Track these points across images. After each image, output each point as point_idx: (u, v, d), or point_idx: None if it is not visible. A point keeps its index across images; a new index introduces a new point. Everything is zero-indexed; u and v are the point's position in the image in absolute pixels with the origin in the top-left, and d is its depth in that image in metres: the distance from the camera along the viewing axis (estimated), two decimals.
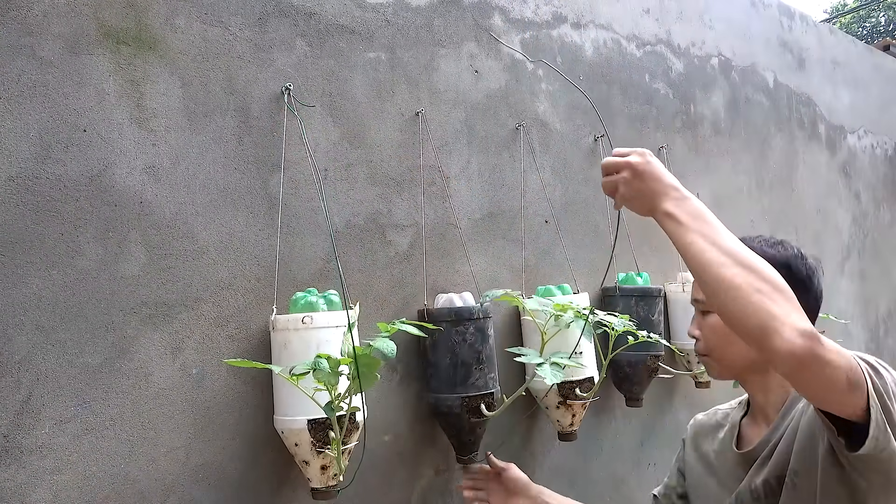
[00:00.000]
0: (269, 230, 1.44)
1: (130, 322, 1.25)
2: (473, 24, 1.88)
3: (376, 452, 1.58)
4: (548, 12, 2.10)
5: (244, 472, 1.37)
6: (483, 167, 1.86)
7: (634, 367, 1.99)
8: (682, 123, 2.56)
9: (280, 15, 1.49)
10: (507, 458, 1.85)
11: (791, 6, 3.29)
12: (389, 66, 1.68)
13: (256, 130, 1.44)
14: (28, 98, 1.16)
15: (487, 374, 1.58)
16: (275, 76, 1.47)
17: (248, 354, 1.38)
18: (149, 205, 1.28)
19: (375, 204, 1.62)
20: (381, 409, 1.59)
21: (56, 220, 1.18)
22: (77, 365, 1.19)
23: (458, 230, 1.78)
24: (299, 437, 1.31)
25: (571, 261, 2.06)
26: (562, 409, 1.78)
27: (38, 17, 1.18)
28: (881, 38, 15.39)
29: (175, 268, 1.31)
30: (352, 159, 1.59)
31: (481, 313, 1.59)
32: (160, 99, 1.31)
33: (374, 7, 1.66)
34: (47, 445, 1.15)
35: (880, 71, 4.00)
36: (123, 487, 1.22)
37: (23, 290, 1.14)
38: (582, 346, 1.78)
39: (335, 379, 1.18)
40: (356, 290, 1.56)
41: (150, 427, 1.26)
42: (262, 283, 1.42)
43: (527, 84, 2.01)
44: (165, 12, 1.32)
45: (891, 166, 4.01)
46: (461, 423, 1.57)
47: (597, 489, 2.11)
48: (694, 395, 2.48)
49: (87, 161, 1.22)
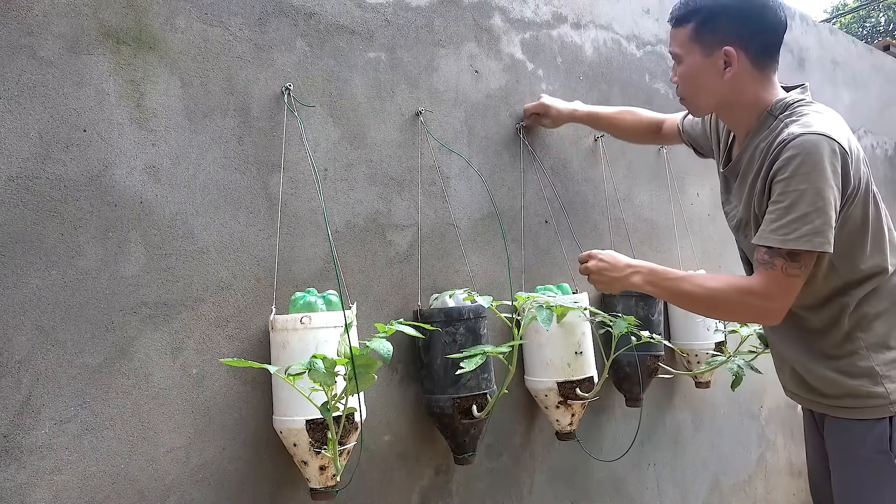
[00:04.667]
0: (269, 230, 1.44)
1: (130, 322, 1.25)
2: (473, 24, 1.88)
3: (376, 452, 1.58)
4: (548, 12, 2.10)
5: (244, 472, 1.37)
6: (483, 167, 1.86)
7: (634, 367, 1.99)
8: None
9: (280, 15, 1.49)
10: (507, 457, 1.86)
11: (791, 6, 3.29)
12: (389, 66, 1.68)
13: (256, 130, 1.44)
14: (28, 98, 1.16)
15: (480, 375, 1.57)
16: (275, 76, 1.47)
17: (247, 355, 1.38)
18: (149, 205, 1.28)
19: (375, 204, 1.62)
20: (380, 410, 1.59)
21: (56, 220, 1.18)
22: (77, 365, 1.19)
23: (458, 230, 1.78)
24: (298, 437, 1.31)
25: (571, 261, 2.06)
26: (561, 409, 1.78)
27: (38, 17, 1.18)
28: (881, 38, 15.38)
29: (175, 268, 1.31)
30: (352, 159, 1.59)
31: (472, 314, 1.58)
32: (160, 99, 1.31)
33: (374, 7, 1.66)
34: (47, 445, 1.15)
35: (880, 71, 4.00)
36: (123, 487, 1.22)
37: (23, 290, 1.14)
38: (583, 347, 1.79)
39: (331, 379, 1.18)
40: (356, 290, 1.56)
41: (150, 427, 1.26)
42: (262, 283, 1.42)
43: (527, 84, 2.01)
44: (165, 12, 1.32)
45: (891, 167, 4.00)
46: (454, 424, 1.57)
47: (597, 489, 2.11)
48: (694, 395, 2.48)
49: (87, 161, 1.22)
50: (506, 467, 1.86)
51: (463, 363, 1.42)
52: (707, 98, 1.41)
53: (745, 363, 1.97)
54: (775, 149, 1.29)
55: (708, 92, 1.40)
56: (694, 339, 2.23)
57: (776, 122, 1.34)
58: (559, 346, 1.76)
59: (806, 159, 1.24)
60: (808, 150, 1.24)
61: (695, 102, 1.45)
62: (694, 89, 1.41)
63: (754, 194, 1.36)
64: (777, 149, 1.28)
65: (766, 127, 1.36)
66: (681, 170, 2.50)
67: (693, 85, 1.41)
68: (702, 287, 1.39)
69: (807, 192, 1.23)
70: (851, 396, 1.36)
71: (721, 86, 1.37)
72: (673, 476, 2.39)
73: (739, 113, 1.41)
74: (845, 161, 1.26)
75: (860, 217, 1.33)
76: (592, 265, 1.54)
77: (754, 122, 1.39)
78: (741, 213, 1.43)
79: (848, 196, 1.29)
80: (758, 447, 2.80)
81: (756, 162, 1.36)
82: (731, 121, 1.46)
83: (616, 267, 1.50)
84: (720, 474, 2.59)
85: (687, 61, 1.39)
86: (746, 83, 1.37)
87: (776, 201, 1.27)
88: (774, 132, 1.33)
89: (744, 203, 1.41)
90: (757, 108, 1.38)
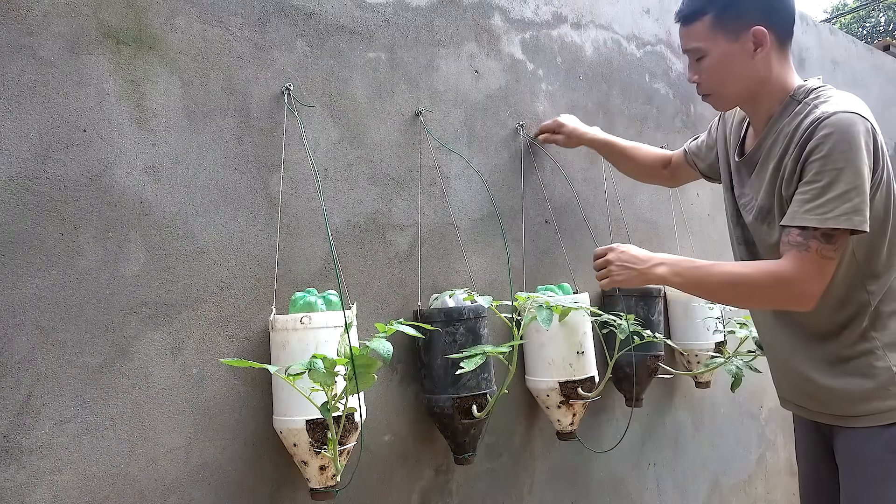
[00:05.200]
0: (269, 230, 1.44)
1: (130, 322, 1.25)
2: (473, 24, 1.88)
3: (376, 453, 1.58)
4: (548, 12, 2.10)
5: (244, 472, 1.37)
6: (483, 167, 1.87)
7: (634, 367, 1.99)
8: (682, 123, 2.56)
9: (280, 15, 1.49)
10: (507, 457, 1.86)
11: None
12: (389, 66, 1.68)
13: (256, 130, 1.44)
14: (28, 98, 1.16)
15: (480, 375, 1.57)
16: (275, 76, 1.47)
17: (247, 355, 1.38)
18: (149, 205, 1.28)
19: (375, 204, 1.62)
20: (380, 410, 1.59)
21: (56, 220, 1.18)
22: (77, 365, 1.19)
23: (458, 230, 1.78)
24: (298, 437, 1.31)
25: (571, 261, 2.06)
26: (563, 409, 1.78)
27: (38, 17, 1.18)
28: (881, 38, 15.38)
29: (175, 268, 1.31)
30: (352, 159, 1.59)
31: (472, 314, 1.58)
32: (160, 99, 1.31)
33: (374, 7, 1.66)
34: (47, 445, 1.15)
35: (880, 71, 4.00)
36: (123, 487, 1.22)
37: (23, 290, 1.14)
38: (584, 346, 1.79)
39: (331, 379, 1.18)
40: (356, 290, 1.56)
41: (150, 427, 1.26)
42: (262, 283, 1.42)
43: (527, 84, 2.01)
44: (165, 12, 1.32)
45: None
46: (454, 424, 1.57)
47: (597, 489, 2.11)
48: (694, 395, 2.48)
49: (87, 161, 1.22)
50: (506, 467, 1.86)
51: (463, 363, 1.42)
52: (737, 85, 1.38)
53: (745, 363, 1.97)
54: (807, 129, 1.27)
55: (739, 78, 1.37)
56: (694, 339, 2.23)
57: (801, 107, 1.33)
58: (561, 346, 1.76)
59: (843, 137, 1.22)
60: (844, 127, 1.23)
61: (723, 93, 1.41)
62: (723, 79, 1.38)
63: (780, 178, 1.34)
64: (810, 129, 1.26)
65: (789, 112, 1.35)
66: None
67: (722, 74, 1.38)
68: (732, 274, 1.34)
69: (845, 171, 1.21)
70: (866, 401, 1.32)
71: (752, 69, 1.36)
72: (673, 476, 2.39)
73: (763, 98, 1.39)
74: (876, 142, 1.26)
75: (882, 206, 1.30)
76: (613, 257, 1.48)
77: (777, 106, 1.37)
78: (762, 201, 1.39)
79: (874, 181, 1.27)
80: (758, 447, 2.80)
81: (779, 146, 1.34)
82: (754, 107, 1.42)
83: (639, 259, 1.44)
84: (720, 474, 2.59)
85: (713, 52, 1.37)
86: (773, 64, 1.36)
87: (811, 181, 1.24)
88: (800, 116, 1.31)
89: (765, 190, 1.38)
90: (781, 92, 1.37)
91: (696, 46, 1.39)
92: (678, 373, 2.16)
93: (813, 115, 1.28)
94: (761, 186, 1.39)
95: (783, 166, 1.33)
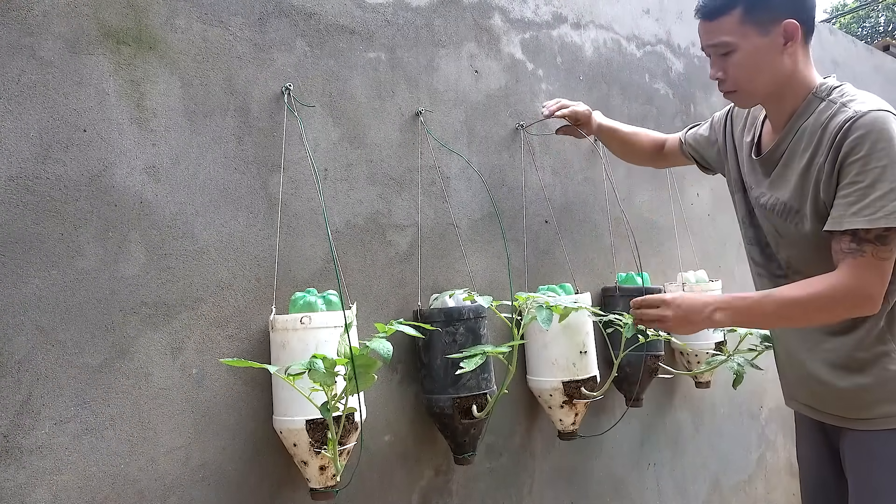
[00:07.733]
0: (269, 230, 1.44)
1: (130, 322, 1.25)
2: (473, 24, 1.88)
3: (376, 453, 1.58)
4: (548, 12, 2.10)
5: (244, 472, 1.37)
6: (483, 167, 1.86)
7: (634, 367, 1.99)
8: (683, 123, 2.56)
9: (280, 15, 1.49)
10: (507, 457, 1.86)
11: None
12: (389, 66, 1.68)
13: (256, 130, 1.44)
14: (28, 98, 1.16)
15: (480, 375, 1.56)
16: (275, 76, 1.47)
17: (248, 354, 1.38)
18: (149, 205, 1.28)
19: (375, 204, 1.62)
20: (380, 410, 1.59)
21: (56, 220, 1.18)
22: (77, 365, 1.19)
23: (458, 230, 1.78)
24: (298, 437, 1.31)
25: (571, 261, 2.06)
26: (566, 409, 1.78)
27: (38, 17, 1.18)
28: (881, 38, 15.39)
29: (175, 268, 1.31)
30: (352, 159, 1.59)
31: (472, 314, 1.58)
32: (160, 99, 1.31)
33: (374, 7, 1.66)
34: (47, 445, 1.15)
35: (880, 71, 4.00)
36: (123, 487, 1.22)
37: (23, 290, 1.14)
38: (587, 346, 1.79)
39: (331, 379, 1.18)
40: (356, 290, 1.56)
41: (150, 427, 1.26)
42: (262, 283, 1.42)
43: (527, 84, 2.01)
44: (165, 12, 1.32)
45: None
46: (454, 424, 1.57)
47: (597, 489, 2.11)
48: (694, 395, 2.48)
49: (87, 161, 1.22)
50: (506, 467, 1.86)
51: (463, 363, 1.42)
52: (766, 81, 1.35)
53: (746, 361, 1.97)
54: (839, 129, 1.26)
55: (769, 73, 1.35)
56: (694, 339, 2.23)
57: (826, 105, 1.32)
58: (564, 346, 1.76)
59: (881, 135, 1.21)
60: (879, 126, 1.22)
61: (750, 89, 1.38)
62: (752, 74, 1.35)
63: (810, 180, 1.32)
64: (843, 129, 1.25)
65: (812, 109, 1.34)
66: (681, 170, 2.49)
67: (752, 70, 1.35)
68: (790, 299, 1.30)
69: (888, 168, 1.20)
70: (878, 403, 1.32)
71: (781, 64, 1.34)
72: (673, 476, 2.39)
73: (787, 94, 1.37)
74: None
75: None
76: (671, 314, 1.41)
77: (800, 103, 1.36)
78: (791, 201, 1.36)
79: None
80: (758, 447, 2.80)
81: (804, 145, 1.33)
82: (777, 104, 1.39)
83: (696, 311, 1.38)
84: (720, 474, 2.59)
85: (743, 46, 1.33)
86: (799, 59, 1.35)
87: (853, 182, 1.23)
88: (825, 114, 1.30)
89: (794, 190, 1.36)
90: (804, 88, 1.36)
91: (723, 41, 1.35)
92: (678, 372, 2.16)
93: (844, 115, 1.26)
94: (787, 185, 1.37)
95: (815, 167, 1.31)
